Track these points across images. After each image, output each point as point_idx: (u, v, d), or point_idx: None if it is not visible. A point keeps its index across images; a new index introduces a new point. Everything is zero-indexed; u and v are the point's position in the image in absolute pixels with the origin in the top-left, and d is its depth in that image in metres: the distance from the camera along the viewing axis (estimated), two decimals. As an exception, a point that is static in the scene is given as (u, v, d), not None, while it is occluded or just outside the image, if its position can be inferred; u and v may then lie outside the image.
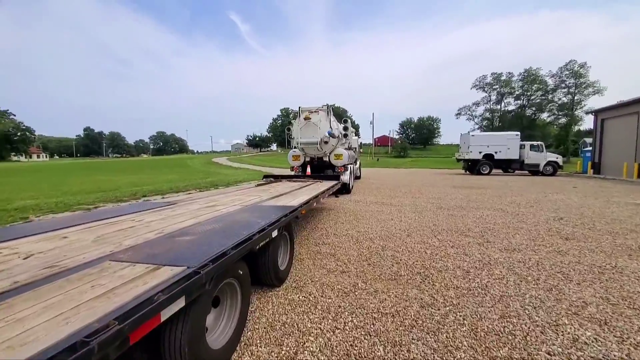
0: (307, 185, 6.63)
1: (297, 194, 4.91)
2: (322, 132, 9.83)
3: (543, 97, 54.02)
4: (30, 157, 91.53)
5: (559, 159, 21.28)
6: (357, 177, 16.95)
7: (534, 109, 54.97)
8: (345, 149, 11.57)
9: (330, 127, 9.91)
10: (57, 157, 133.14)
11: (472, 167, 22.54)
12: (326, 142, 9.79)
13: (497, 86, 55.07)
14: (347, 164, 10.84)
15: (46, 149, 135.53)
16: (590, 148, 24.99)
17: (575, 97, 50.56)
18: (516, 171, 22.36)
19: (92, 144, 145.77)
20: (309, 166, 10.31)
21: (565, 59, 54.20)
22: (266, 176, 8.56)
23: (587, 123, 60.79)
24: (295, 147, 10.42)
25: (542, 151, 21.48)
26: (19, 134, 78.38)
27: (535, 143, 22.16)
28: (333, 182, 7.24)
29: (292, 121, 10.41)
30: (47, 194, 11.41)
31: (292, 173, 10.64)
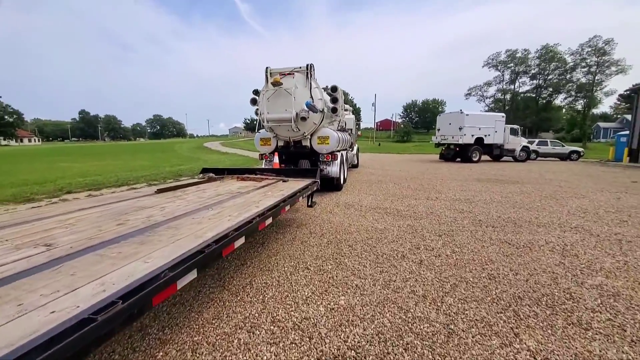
0: (250, 192, 3.65)
1: (181, 225, 1.95)
2: (298, 104, 6.73)
3: (561, 77, 49.67)
4: (22, 141, 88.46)
5: (528, 144, 20.22)
6: (354, 166, 13.94)
7: (550, 89, 50.74)
8: (336, 129, 8.50)
9: (312, 96, 6.80)
10: (52, 140, 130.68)
11: (461, 153, 18.27)
12: (304, 119, 6.69)
13: (512, 64, 50.46)
14: (337, 150, 7.81)
15: (42, 132, 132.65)
16: (626, 132, 21.67)
17: (596, 77, 46.35)
18: (498, 158, 19.49)
19: (87, 128, 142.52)
20: (276, 155, 7.20)
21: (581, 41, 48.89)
22: (206, 169, 5.55)
23: (603, 106, 56.56)
24: (263, 127, 7.36)
25: (519, 135, 19.40)
26: (5, 117, 74.68)
27: (514, 127, 19.57)
28: (303, 184, 4.27)
29: (260, 90, 7.27)
30: None
31: (263, 164, 7.63)
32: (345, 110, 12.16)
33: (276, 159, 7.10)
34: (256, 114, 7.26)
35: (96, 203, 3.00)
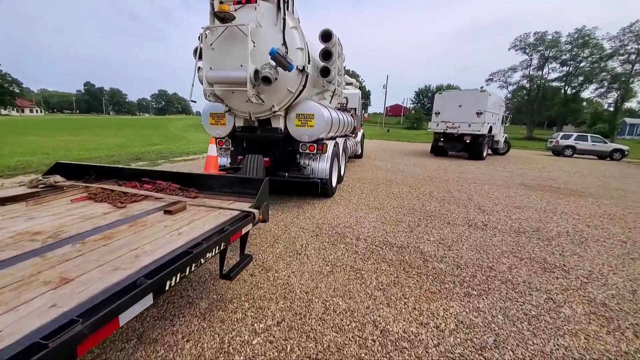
0: None
1: None
2: (261, 54, 3.93)
3: (594, 65, 44.79)
4: (22, 111, 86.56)
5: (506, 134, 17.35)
6: (358, 156, 11.16)
7: (581, 78, 46.01)
8: (329, 106, 5.68)
9: (285, 42, 3.98)
10: (56, 112, 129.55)
11: (472, 147, 13.24)
12: (268, 81, 3.87)
13: (542, 47, 45.41)
14: (328, 137, 5.07)
15: (47, 103, 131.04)
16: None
17: (635, 68, 41.54)
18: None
19: (92, 100, 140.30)
20: (213, 142, 4.41)
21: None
22: (58, 165, 2.79)
23: (631, 102, 51.58)
24: (209, 95, 4.58)
25: (504, 124, 16.85)
26: (5, 85, 72.09)
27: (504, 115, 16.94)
28: (207, 227, 1.62)
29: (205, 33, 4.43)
30: None
31: (218, 157, 4.90)
32: (349, 83, 9.26)
33: (213, 151, 4.32)
34: (198, 71, 4.45)
35: None
